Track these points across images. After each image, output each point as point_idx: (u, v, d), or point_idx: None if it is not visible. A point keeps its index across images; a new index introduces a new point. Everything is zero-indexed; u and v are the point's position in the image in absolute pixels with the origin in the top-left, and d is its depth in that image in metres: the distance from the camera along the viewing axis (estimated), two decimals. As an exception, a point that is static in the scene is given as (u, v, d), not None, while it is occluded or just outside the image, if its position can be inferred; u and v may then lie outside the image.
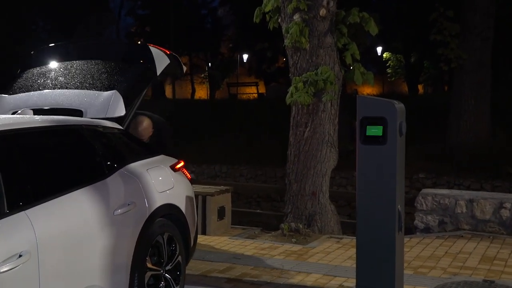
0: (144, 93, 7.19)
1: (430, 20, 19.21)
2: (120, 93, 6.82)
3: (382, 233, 5.60)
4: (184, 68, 7.89)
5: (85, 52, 7.72)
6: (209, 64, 59.70)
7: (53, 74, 7.38)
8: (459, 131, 20.81)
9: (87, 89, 7.00)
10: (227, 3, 52.67)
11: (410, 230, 10.37)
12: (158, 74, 7.27)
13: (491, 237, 9.56)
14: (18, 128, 4.90)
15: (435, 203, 10.14)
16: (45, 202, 4.65)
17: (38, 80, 7.36)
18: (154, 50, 7.37)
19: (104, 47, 7.88)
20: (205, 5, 59.23)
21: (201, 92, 65.48)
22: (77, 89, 7.02)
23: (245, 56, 56.77)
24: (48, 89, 7.15)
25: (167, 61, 7.39)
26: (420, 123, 22.55)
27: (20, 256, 4.17)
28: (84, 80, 7.13)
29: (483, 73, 20.58)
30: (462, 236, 9.62)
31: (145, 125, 8.11)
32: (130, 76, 7.26)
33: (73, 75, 7.22)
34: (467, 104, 20.60)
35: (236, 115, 30.41)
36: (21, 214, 4.36)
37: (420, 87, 55.67)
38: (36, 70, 7.55)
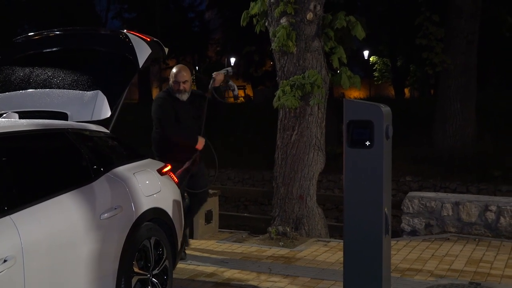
0: (127, 90, 7.00)
1: (416, 24, 19.23)
2: (103, 93, 6.67)
3: (369, 236, 5.59)
4: (166, 50, 7.60)
5: (63, 43, 7.42)
6: (197, 67, 59.58)
7: (33, 70, 7.14)
8: (445, 134, 20.86)
9: (70, 88, 6.83)
10: (214, 6, 52.54)
11: (397, 233, 10.39)
12: (140, 66, 6.93)
13: (477, 239, 9.58)
14: (3, 132, 4.86)
15: (421, 206, 10.15)
16: (30, 206, 4.61)
17: (18, 76, 7.14)
18: (134, 38, 7.03)
19: (83, 37, 7.59)
20: (192, 8, 59.10)
21: (188, 96, 65.32)
22: (59, 88, 6.87)
23: (233, 60, 56.79)
24: (30, 87, 6.98)
25: (148, 50, 7.04)
26: (407, 126, 22.58)
27: (5, 261, 4.14)
28: (66, 77, 6.95)
29: (468, 77, 20.65)
30: (448, 239, 9.64)
31: (188, 74, 8.52)
32: (111, 71, 7.12)
33: (54, 71, 7.02)
34: (452, 108, 20.66)
35: (223, 118, 30.36)
36: (6, 218, 4.32)
37: (406, 90, 55.86)
38: (15, 64, 7.30)
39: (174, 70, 8.48)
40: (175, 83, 8.38)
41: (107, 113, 6.64)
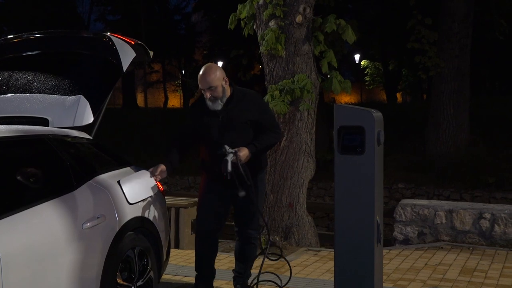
0: (110, 94, 6.84)
1: (408, 27, 19.14)
2: (86, 98, 6.51)
3: (360, 245, 5.47)
4: (151, 53, 7.25)
5: (44, 46, 7.21)
6: (183, 71, 59.56)
7: (12, 74, 6.96)
8: (438, 140, 20.79)
9: (51, 93, 6.68)
10: (201, 9, 52.40)
11: (389, 241, 10.27)
12: (124, 70, 6.67)
13: (471, 248, 9.47)
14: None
15: (414, 214, 10.03)
16: (9, 216, 4.47)
17: None
18: (118, 41, 6.78)
19: (64, 40, 7.41)
20: (178, 10, 59.07)
21: (174, 101, 65.47)
22: (40, 92, 6.71)
23: (220, 63, 56.74)
24: (9, 92, 6.81)
25: (132, 54, 6.76)
26: (399, 132, 22.55)
27: (-19, 273, 4.00)
28: (46, 81, 6.78)
29: (461, 82, 20.59)
30: (441, 248, 9.52)
31: (215, 76, 6.45)
32: (94, 75, 6.93)
33: (34, 75, 6.85)
34: (446, 113, 20.58)
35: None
36: (-17, 229, 4.17)
37: (398, 95, 56.02)
38: None
39: (200, 72, 6.56)
40: (202, 91, 6.54)
41: (90, 118, 6.49)
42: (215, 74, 6.43)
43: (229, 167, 6.22)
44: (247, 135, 6.54)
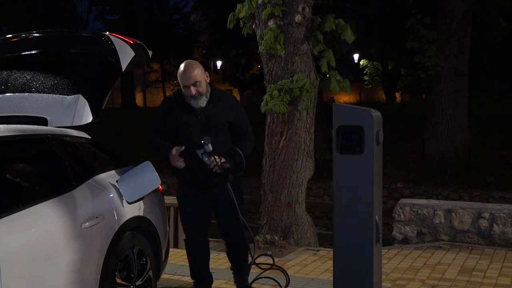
0: (109, 94, 6.79)
1: (406, 27, 19.09)
2: (84, 97, 6.47)
3: (359, 244, 5.45)
4: (150, 53, 7.14)
5: (43, 45, 7.12)
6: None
7: (11, 73, 6.92)
8: (437, 140, 20.71)
9: (50, 92, 6.65)
10: (200, 8, 52.21)
11: (388, 241, 10.24)
12: (123, 69, 6.58)
13: (470, 247, 9.46)
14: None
15: (413, 214, 10.01)
16: (7, 216, 4.45)
17: None
18: (116, 41, 6.69)
19: (63, 39, 7.34)
20: (177, 10, 58.89)
21: (173, 100, 65.31)
22: (39, 92, 6.68)
23: (219, 63, 56.61)
24: (8, 91, 6.79)
25: (131, 53, 6.66)
26: (398, 131, 22.49)
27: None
28: (45, 80, 6.75)
29: (460, 81, 20.50)
30: (440, 247, 9.51)
31: (198, 71, 6.36)
32: (93, 75, 6.89)
33: (33, 75, 6.81)
34: (444, 113, 20.50)
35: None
36: (-18, 229, 4.15)
37: (397, 94, 55.93)
38: None
39: (180, 69, 6.42)
40: (185, 89, 6.37)
41: (89, 118, 6.46)
42: (198, 69, 6.35)
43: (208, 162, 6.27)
44: (225, 137, 6.50)
